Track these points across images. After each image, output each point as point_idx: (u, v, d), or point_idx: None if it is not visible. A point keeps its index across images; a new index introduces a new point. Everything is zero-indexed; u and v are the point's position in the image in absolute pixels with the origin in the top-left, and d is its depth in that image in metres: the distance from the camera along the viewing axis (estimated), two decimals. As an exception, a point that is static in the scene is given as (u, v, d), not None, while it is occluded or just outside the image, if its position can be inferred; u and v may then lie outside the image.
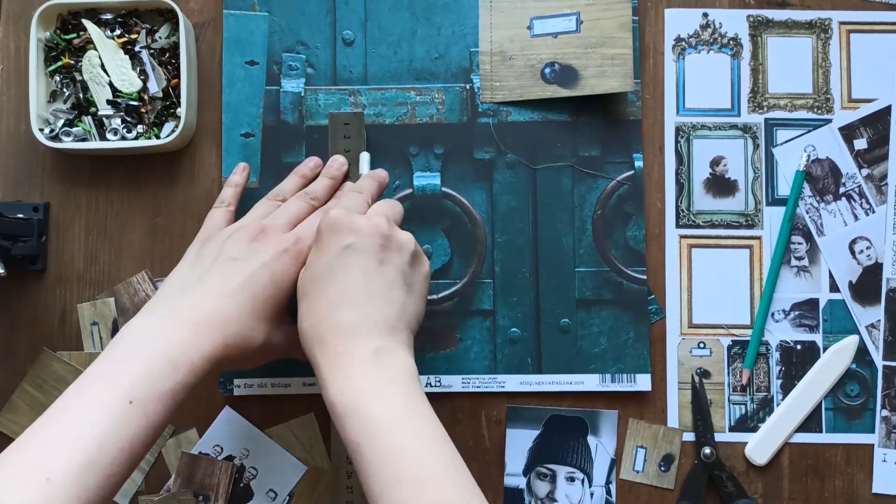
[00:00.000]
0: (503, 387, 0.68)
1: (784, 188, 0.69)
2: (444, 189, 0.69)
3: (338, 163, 0.65)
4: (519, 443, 0.67)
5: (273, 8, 0.70)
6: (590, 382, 0.68)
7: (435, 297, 0.68)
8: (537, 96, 0.69)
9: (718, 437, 0.67)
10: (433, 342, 0.68)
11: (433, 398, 0.67)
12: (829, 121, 0.70)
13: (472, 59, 0.70)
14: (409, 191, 0.69)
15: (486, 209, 0.69)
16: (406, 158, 0.69)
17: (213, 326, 0.54)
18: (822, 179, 0.69)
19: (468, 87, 0.70)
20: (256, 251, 0.57)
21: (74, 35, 0.67)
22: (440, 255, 0.69)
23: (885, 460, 0.67)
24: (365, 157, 0.65)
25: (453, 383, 0.67)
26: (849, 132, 0.69)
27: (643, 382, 0.67)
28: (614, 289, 0.68)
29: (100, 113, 0.66)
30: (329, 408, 0.52)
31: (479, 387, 0.68)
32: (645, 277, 0.68)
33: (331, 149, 0.66)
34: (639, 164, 0.69)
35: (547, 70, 0.69)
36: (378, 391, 0.51)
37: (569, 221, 0.69)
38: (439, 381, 0.68)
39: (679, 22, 0.71)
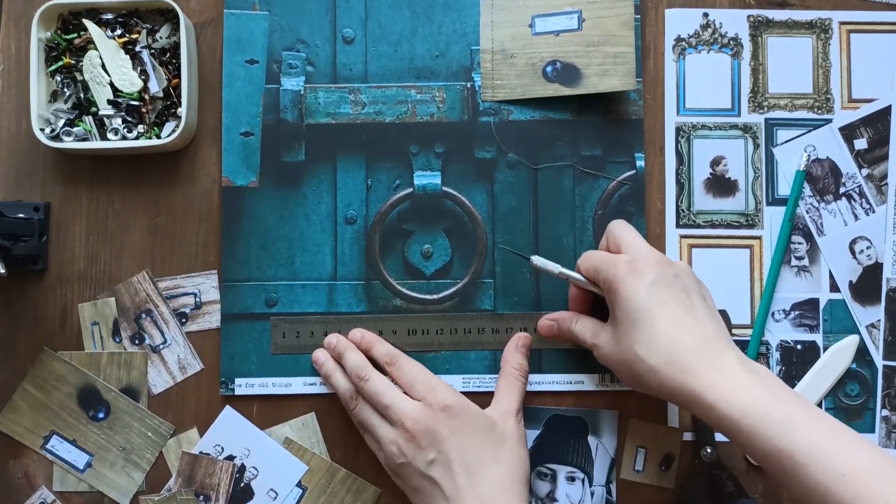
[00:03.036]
0: (504, 386, 0.68)
1: (784, 188, 0.69)
2: (444, 188, 0.69)
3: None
4: (519, 442, 0.68)
5: (274, 7, 0.70)
6: (590, 382, 0.68)
7: (435, 297, 0.68)
8: (539, 95, 0.69)
9: (719, 437, 0.67)
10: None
11: (434, 397, 0.68)
12: (830, 121, 0.70)
13: (473, 58, 0.70)
14: (410, 190, 0.69)
15: (486, 209, 0.69)
16: (406, 157, 0.69)
17: None
18: (823, 179, 0.69)
19: (469, 85, 0.70)
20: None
21: (75, 35, 0.67)
22: (441, 255, 0.69)
23: (884, 459, 0.67)
24: None
25: (454, 383, 0.67)
26: (849, 132, 0.69)
27: (643, 382, 0.67)
28: (615, 288, 0.68)
29: (100, 113, 0.66)
30: (730, 423, 0.53)
31: (479, 387, 0.68)
32: (645, 277, 0.68)
33: None
34: (640, 163, 0.69)
35: (548, 68, 0.69)
36: (773, 396, 0.53)
37: (570, 221, 0.69)
38: (440, 381, 0.68)
39: (679, 22, 0.70)
